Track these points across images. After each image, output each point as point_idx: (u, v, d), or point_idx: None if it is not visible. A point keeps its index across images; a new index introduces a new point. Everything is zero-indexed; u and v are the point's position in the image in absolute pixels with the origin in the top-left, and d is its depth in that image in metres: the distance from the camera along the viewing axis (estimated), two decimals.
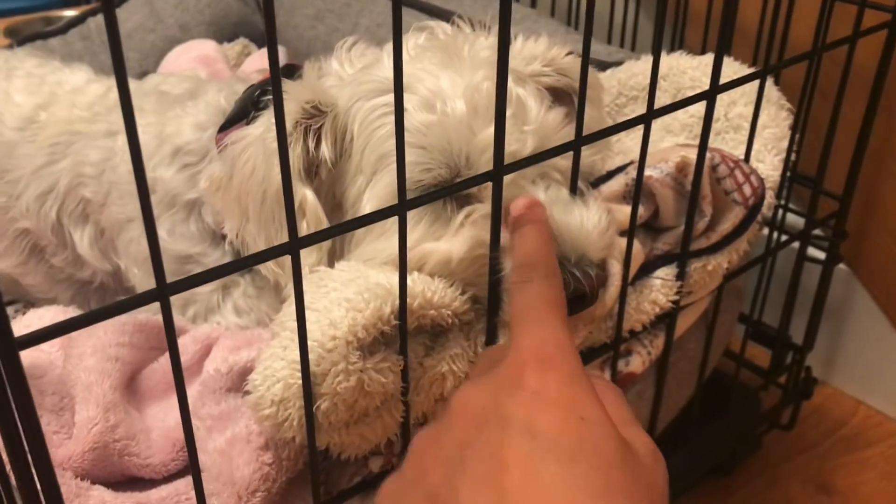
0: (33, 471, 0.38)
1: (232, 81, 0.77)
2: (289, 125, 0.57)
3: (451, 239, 0.55)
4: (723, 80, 0.62)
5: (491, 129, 0.56)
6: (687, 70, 0.85)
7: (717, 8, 1.03)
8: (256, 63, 1.22)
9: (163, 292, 0.39)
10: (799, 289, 0.92)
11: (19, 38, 1.30)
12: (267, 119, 0.59)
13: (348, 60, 0.63)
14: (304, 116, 0.58)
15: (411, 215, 0.55)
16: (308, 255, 0.57)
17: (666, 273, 0.68)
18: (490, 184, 0.49)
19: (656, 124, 0.85)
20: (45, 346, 0.62)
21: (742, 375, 0.94)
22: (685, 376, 0.79)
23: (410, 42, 0.62)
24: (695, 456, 0.89)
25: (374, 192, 0.57)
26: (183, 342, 0.65)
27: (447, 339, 0.56)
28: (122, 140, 0.76)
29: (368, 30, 1.15)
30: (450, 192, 0.51)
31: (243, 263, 0.43)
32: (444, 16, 1.07)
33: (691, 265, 0.68)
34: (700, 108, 0.71)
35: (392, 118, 0.57)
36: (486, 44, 0.61)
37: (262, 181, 0.57)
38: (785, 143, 0.78)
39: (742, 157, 0.73)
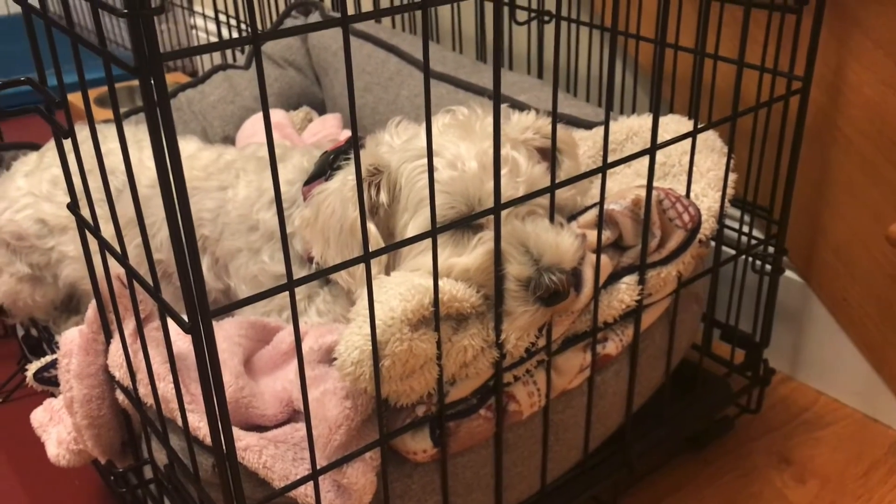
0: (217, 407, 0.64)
1: (310, 148, 1.05)
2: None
3: (468, 255, 0.81)
4: (672, 135, 0.88)
5: None
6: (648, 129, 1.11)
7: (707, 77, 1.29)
8: (317, 127, 1.50)
9: (291, 288, 0.66)
10: (761, 298, 1.17)
11: (127, 111, 1.59)
12: (343, 176, 0.86)
13: (396, 134, 0.91)
14: (368, 174, 0.85)
15: (441, 239, 0.82)
16: (372, 268, 0.84)
17: (629, 279, 0.93)
18: (492, 217, 0.76)
19: (630, 168, 1.11)
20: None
21: (714, 368, 1.18)
22: (654, 360, 1.03)
23: (440, 121, 0.89)
24: (672, 428, 1.12)
25: (415, 224, 0.84)
26: (280, 335, 0.91)
27: (468, 323, 0.81)
28: (230, 192, 1.03)
29: (408, 99, 1.42)
30: (464, 222, 0.78)
31: (331, 270, 0.70)
32: (470, 88, 1.35)
33: (648, 273, 0.93)
34: (663, 157, 0.98)
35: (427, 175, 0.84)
36: (491, 121, 0.87)
37: (340, 218, 0.84)
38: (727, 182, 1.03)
39: (684, 193, 0.99)
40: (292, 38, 1.68)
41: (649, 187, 0.88)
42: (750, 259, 1.19)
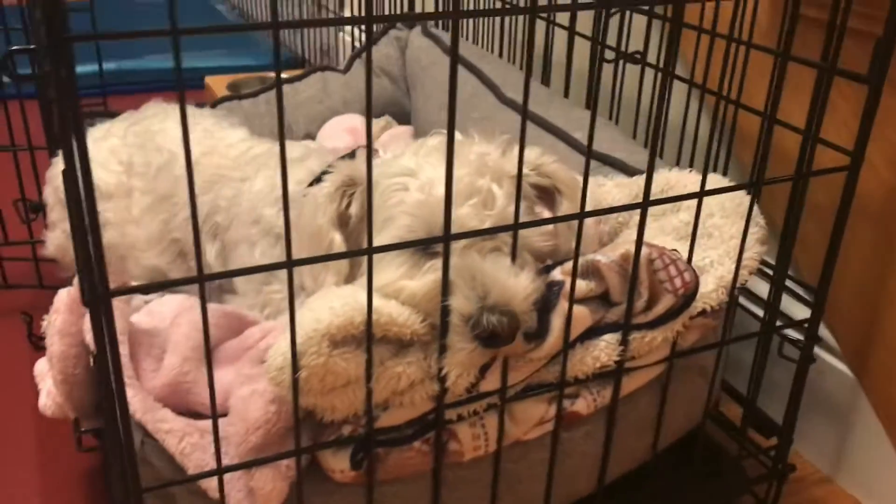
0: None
1: (330, 155, 1.06)
2: (332, 189, 0.85)
3: (418, 280, 0.79)
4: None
5: (462, 210, 0.81)
6: (687, 185, 1.04)
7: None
8: (386, 138, 1.52)
9: (201, 281, 0.66)
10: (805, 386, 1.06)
11: (221, 97, 1.68)
12: (319, 185, 0.86)
13: (388, 150, 0.90)
14: (343, 185, 0.84)
15: (397, 261, 0.80)
16: (329, 277, 0.83)
17: (610, 338, 0.87)
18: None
19: (656, 223, 1.05)
20: (162, 319, 0.92)
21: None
22: (639, 431, 0.96)
23: (429, 142, 0.87)
24: None
25: (379, 240, 0.82)
26: (251, 331, 0.92)
27: (408, 350, 0.79)
28: (248, 184, 1.06)
29: (476, 122, 1.41)
30: (408, 245, 0.75)
31: (258, 269, 0.70)
32: (533, 118, 1.32)
33: (632, 335, 0.87)
34: (686, 215, 0.92)
35: (399, 194, 0.83)
36: (475, 150, 0.85)
37: (308, 223, 0.84)
38: (749, 253, 0.95)
39: (702, 258, 0.92)
40: (392, 48, 1.71)
41: (638, 244, 0.83)
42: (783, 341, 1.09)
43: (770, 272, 1.05)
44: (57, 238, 1.27)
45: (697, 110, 1.24)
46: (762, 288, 1.13)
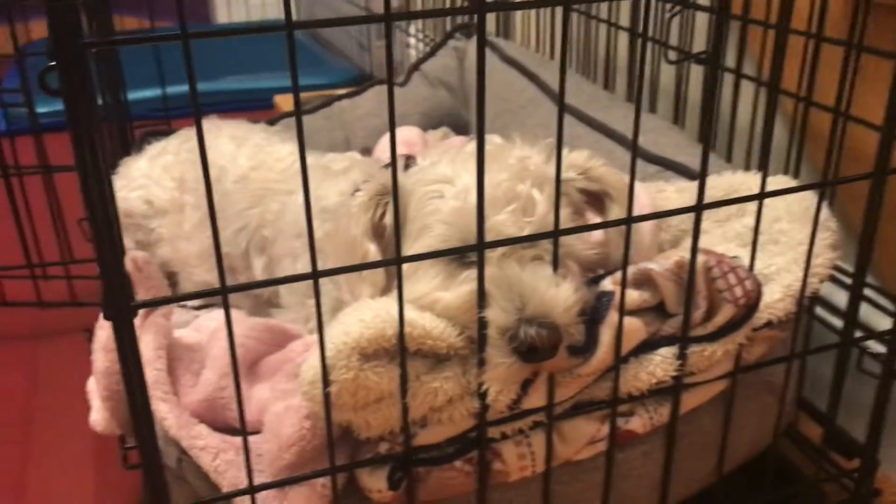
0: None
1: (375, 166, 1.03)
2: (366, 198, 0.82)
3: (453, 291, 0.75)
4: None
5: (500, 217, 0.77)
6: (753, 187, 0.97)
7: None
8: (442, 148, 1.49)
9: (224, 293, 0.64)
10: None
11: (282, 114, 1.68)
12: (354, 196, 0.84)
13: (426, 159, 0.86)
14: (377, 194, 0.81)
15: (432, 271, 0.77)
16: (366, 289, 0.80)
17: (666, 352, 0.82)
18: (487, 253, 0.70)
19: (720, 230, 0.98)
20: (200, 333, 0.90)
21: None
22: (703, 451, 0.90)
23: (466, 148, 0.83)
24: None
25: (414, 251, 0.79)
26: (293, 345, 0.90)
27: (445, 365, 0.75)
28: (293, 197, 1.04)
29: (532, 129, 1.36)
30: (439, 255, 0.71)
31: (280, 281, 0.67)
32: (591, 122, 1.27)
33: (690, 348, 0.81)
34: (751, 220, 0.86)
35: (435, 202, 0.79)
36: (515, 154, 0.81)
37: (343, 234, 0.82)
38: (819, 260, 0.87)
39: (767, 265, 0.86)
40: (450, 59, 1.68)
41: (694, 250, 0.77)
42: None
43: (848, 280, 0.97)
44: None
45: (760, 110, 1.17)
46: (840, 298, 1.05)
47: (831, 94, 1.00)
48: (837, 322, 1.09)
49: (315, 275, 0.66)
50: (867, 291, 0.99)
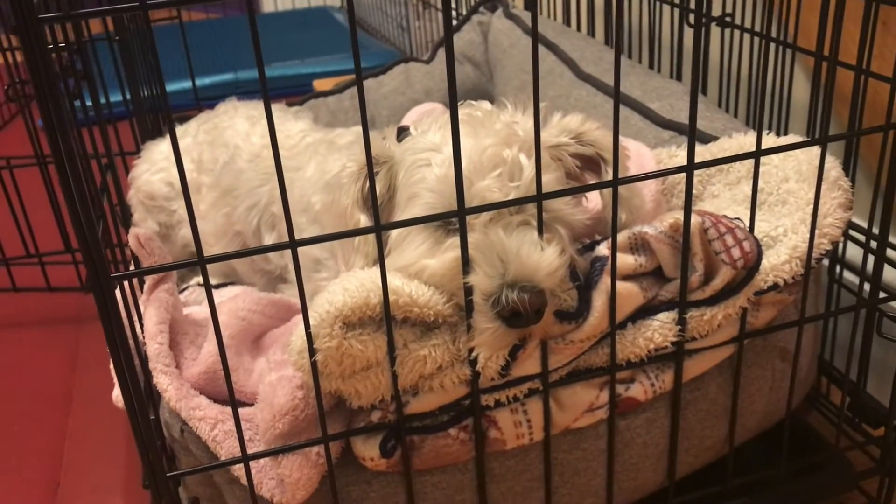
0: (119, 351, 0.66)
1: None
2: (356, 168, 0.82)
3: (438, 258, 0.74)
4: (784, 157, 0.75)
5: (484, 182, 0.76)
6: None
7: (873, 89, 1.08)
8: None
9: (202, 263, 0.65)
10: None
11: (308, 95, 1.69)
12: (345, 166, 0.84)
13: (418, 128, 0.86)
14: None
15: (418, 239, 0.77)
16: (358, 260, 0.81)
17: (665, 317, 0.80)
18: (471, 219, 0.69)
19: (729, 192, 0.96)
20: (203, 306, 0.92)
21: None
22: (711, 418, 0.88)
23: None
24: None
25: (402, 219, 0.79)
26: (297, 318, 0.91)
27: (434, 332, 0.75)
28: (300, 173, 1.05)
29: (554, 100, 1.35)
30: (419, 222, 0.71)
31: (258, 251, 0.68)
32: (609, 91, 1.25)
33: (689, 313, 0.80)
34: (764, 183, 0.83)
35: (423, 171, 0.79)
36: (502, 119, 0.80)
37: (334, 204, 0.82)
38: (829, 220, 0.84)
39: (776, 227, 0.83)
40: (475, 34, 1.67)
41: (687, 213, 0.75)
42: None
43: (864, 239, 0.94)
44: None
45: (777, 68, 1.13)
46: (859, 258, 1.01)
47: (851, 46, 0.96)
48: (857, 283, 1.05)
49: (293, 244, 0.66)
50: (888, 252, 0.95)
